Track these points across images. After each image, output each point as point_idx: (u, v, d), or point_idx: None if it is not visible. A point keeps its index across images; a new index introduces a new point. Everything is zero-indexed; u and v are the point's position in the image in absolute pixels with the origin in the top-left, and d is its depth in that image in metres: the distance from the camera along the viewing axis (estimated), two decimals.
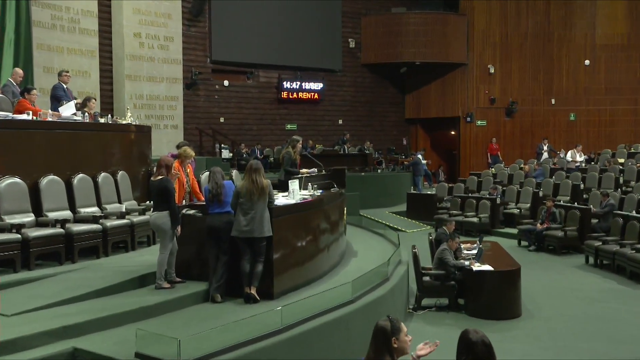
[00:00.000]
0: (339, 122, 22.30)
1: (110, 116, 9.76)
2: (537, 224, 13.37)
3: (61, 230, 7.22)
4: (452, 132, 23.97)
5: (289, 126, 21.06)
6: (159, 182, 6.48)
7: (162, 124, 17.35)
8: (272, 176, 10.59)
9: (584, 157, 19.28)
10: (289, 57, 20.61)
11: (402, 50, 22.25)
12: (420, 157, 20.03)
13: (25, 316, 5.35)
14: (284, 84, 20.79)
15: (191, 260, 6.85)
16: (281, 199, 7.33)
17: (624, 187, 15.04)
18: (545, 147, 20.71)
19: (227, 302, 6.31)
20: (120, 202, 8.69)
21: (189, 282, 6.61)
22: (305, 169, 9.21)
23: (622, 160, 17.56)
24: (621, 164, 16.90)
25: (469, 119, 22.92)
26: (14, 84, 9.13)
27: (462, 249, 9.76)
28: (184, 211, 6.94)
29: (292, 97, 20.97)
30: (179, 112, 17.90)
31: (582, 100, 23.14)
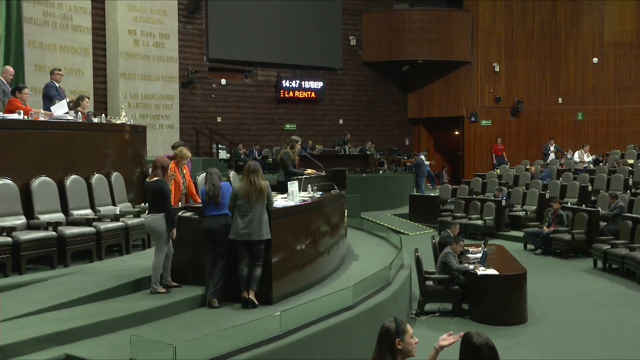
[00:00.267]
0: (340, 121, 22.30)
1: (104, 116, 9.78)
2: (544, 227, 13.37)
3: (53, 233, 7.22)
4: (456, 132, 23.97)
5: (288, 126, 21.07)
6: (155, 184, 6.49)
7: (157, 124, 17.36)
8: (271, 177, 10.60)
9: (592, 158, 19.28)
10: (288, 55, 20.62)
11: (404, 48, 22.25)
12: (423, 157, 20.03)
13: (16, 322, 5.34)
14: (283, 82, 20.79)
15: (187, 264, 6.85)
16: (280, 201, 7.33)
17: (634, 189, 15.03)
18: (552, 148, 20.72)
19: (224, 307, 6.32)
20: (114, 204, 8.69)
21: (185, 286, 6.61)
22: (310, 170, 9.17)
23: (632, 161, 17.57)
24: (630, 165, 16.90)
25: (473, 119, 22.93)
26: (5, 83, 9.13)
27: (466, 252, 9.77)
28: (180, 213, 6.94)
29: (292, 96, 20.98)
30: (174, 111, 17.91)
31: (590, 99, 23.15)
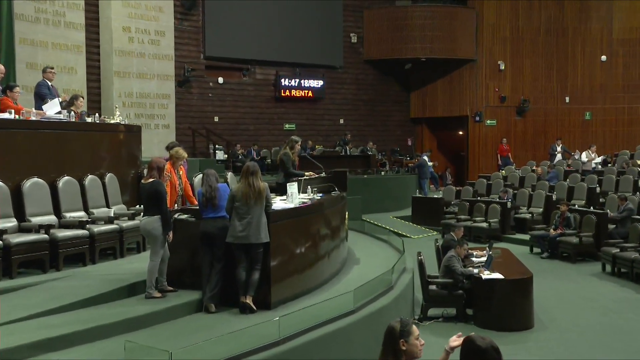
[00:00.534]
0: (340, 121, 22.31)
1: (97, 115, 9.78)
2: (551, 230, 13.37)
3: (45, 236, 7.22)
4: (460, 132, 23.98)
5: (287, 126, 21.08)
6: (150, 185, 6.50)
7: (152, 124, 17.36)
8: (270, 179, 10.62)
9: (600, 159, 19.28)
10: (287, 53, 20.63)
11: (406, 45, 22.26)
12: (426, 158, 20.05)
13: (7, 327, 5.34)
14: (282, 81, 20.80)
15: (184, 267, 6.86)
16: (279, 203, 7.34)
17: None
18: (558, 148, 20.73)
19: (221, 312, 6.32)
20: (108, 206, 8.70)
21: (181, 291, 6.62)
22: (310, 172, 9.18)
23: None
24: None
25: (477, 119, 22.93)
26: None
27: (470, 256, 9.77)
28: (176, 216, 6.96)
29: (291, 95, 20.99)
30: (170, 110, 17.91)
31: (599, 98, 23.16)
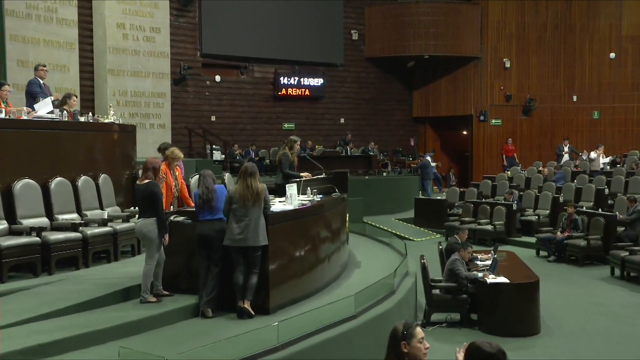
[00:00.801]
0: (341, 121, 22.33)
1: (91, 114, 9.78)
2: (558, 232, 13.36)
3: (37, 239, 7.22)
4: (464, 132, 24.00)
5: (286, 125, 21.08)
6: (145, 187, 6.50)
7: (147, 123, 17.37)
8: (268, 180, 10.63)
9: (609, 159, 19.28)
10: (286, 51, 20.64)
11: (409, 42, 22.27)
12: (429, 159, 20.05)
13: None
14: (281, 79, 20.81)
15: (180, 271, 6.86)
16: (278, 205, 7.35)
17: None
18: (566, 148, 20.73)
19: (218, 317, 6.33)
20: (102, 208, 8.70)
21: (177, 295, 6.62)
22: (306, 173, 9.19)
23: None
24: None
25: (482, 118, 22.95)
26: None
27: (475, 259, 9.77)
28: (172, 218, 6.95)
29: (290, 94, 20.99)
30: (166, 110, 17.92)
31: (607, 96, 23.17)
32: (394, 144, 23.30)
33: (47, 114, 8.49)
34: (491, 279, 8.65)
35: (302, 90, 21.18)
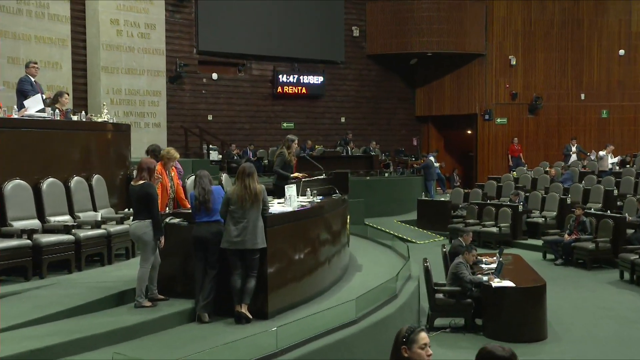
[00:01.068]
0: (342, 120, 22.34)
1: (84, 113, 9.78)
2: (565, 235, 13.36)
3: (28, 241, 7.21)
4: (469, 132, 24.01)
5: (285, 124, 21.09)
6: (140, 188, 6.50)
7: (142, 122, 17.38)
8: (267, 181, 10.61)
9: (618, 159, 19.27)
10: (285, 48, 20.65)
11: (412, 39, 22.29)
12: (432, 159, 20.05)
13: None
14: (280, 77, 20.82)
15: (175, 275, 6.86)
16: (277, 207, 7.35)
17: None
18: (573, 148, 20.74)
19: (215, 322, 6.33)
20: (95, 209, 8.70)
21: (172, 299, 6.62)
22: (300, 173, 9.17)
23: None
24: None
25: (487, 117, 22.95)
26: None
27: (479, 262, 9.77)
28: (167, 220, 6.95)
29: (289, 92, 21.00)
30: (161, 108, 17.93)
31: (616, 94, 23.18)
32: (396, 143, 23.31)
33: (37, 111, 8.48)
34: (496, 282, 8.66)
35: (302, 88, 21.18)
